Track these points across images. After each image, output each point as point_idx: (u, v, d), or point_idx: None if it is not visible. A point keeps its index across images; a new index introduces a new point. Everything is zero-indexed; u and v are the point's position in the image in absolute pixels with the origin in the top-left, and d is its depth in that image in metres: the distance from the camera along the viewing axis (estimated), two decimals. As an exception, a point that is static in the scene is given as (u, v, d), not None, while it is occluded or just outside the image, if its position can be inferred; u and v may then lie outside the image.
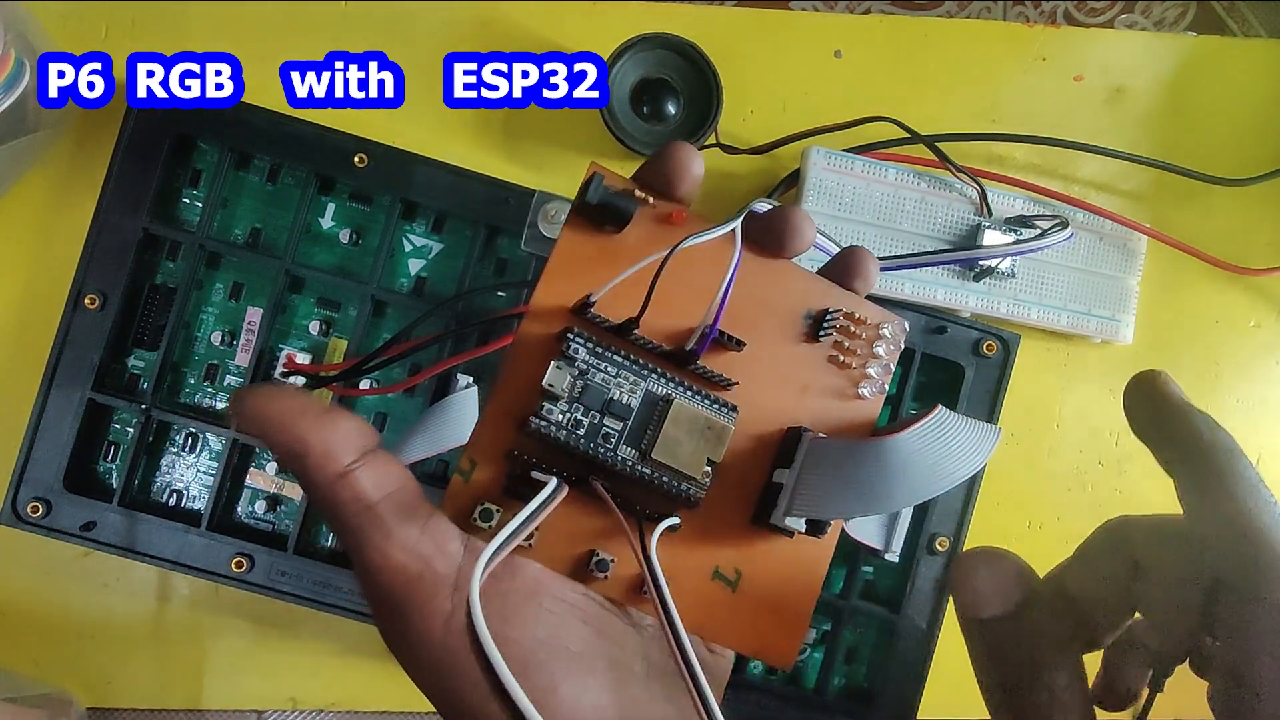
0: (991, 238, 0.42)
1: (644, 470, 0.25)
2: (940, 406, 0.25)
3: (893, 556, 0.28)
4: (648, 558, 0.24)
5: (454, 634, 0.22)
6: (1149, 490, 0.46)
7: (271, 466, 0.41)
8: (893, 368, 0.28)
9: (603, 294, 0.25)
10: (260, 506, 0.42)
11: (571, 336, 0.25)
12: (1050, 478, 0.46)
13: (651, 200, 0.26)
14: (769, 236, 0.27)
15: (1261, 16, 0.50)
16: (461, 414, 0.40)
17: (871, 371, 0.28)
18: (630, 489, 0.25)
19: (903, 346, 0.29)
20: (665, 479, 0.25)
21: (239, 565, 0.40)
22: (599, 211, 0.25)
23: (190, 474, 0.42)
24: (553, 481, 0.24)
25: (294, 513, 0.41)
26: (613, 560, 0.25)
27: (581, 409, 0.24)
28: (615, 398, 0.25)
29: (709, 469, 0.25)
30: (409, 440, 0.38)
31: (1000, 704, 0.25)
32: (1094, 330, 0.44)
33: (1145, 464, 0.45)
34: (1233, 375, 0.47)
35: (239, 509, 0.42)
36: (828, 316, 0.28)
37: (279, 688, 0.43)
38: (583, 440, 0.24)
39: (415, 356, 0.41)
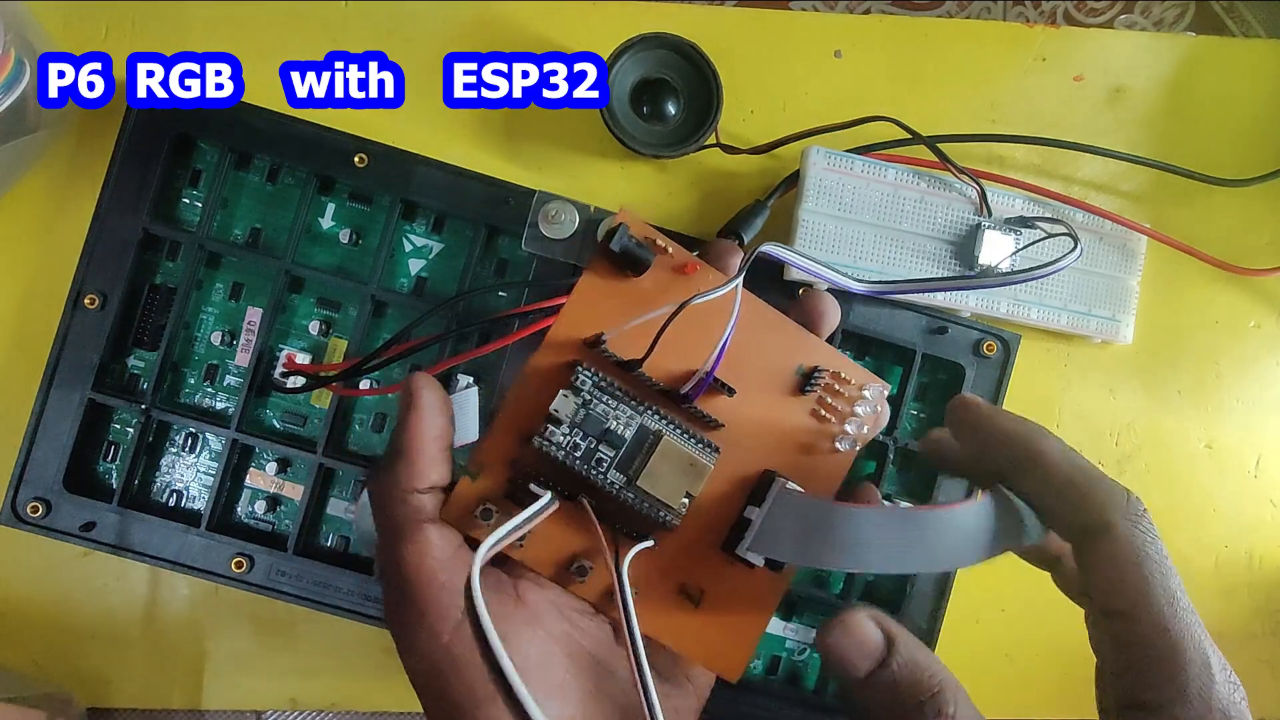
0: (991, 238, 0.42)
1: (628, 495, 0.27)
2: (929, 507, 0.25)
3: None
4: (618, 569, 0.27)
5: (460, 640, 0.24)
6: (1149, 490, 0.46)
7: (271, 467, 0.41)
8: (866, 430, 0.31)
9: (614, 335, 0.27)
10: (260, 507, 0.42)
11: (581, 369, 0.27)
12: (1050, 478, 0.46)
13: (670, 250, 0.29)
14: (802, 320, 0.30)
15: (1261, 16, 0.50)
16: (461, 414, 0.40)
17: (849, 428, 0.30)
18: (615, 510, 0.28)
19: (886, 409, 0.31)
20: (646, 505, 0.27)
21: (239, 565, 0.40)
22: (620, 258, 0.28)
23: (190, 474, 0.42)
24: (547, 495, 0.27)
25: (294, 513, 0.41)
26: (591, 567, 0.28)
27: (581, 434, 0.27)
28: (612, 428, 0.27)
29: (686, 501, 0.28)
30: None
31: None
32: (1094, 330, 0.44)
33: (1145, 464, 0.46)
34: (1233, 375, 0.47)
35: (239, 509, 0.42)
36: (815, 373, 0.30)
37: (279, 688, 0.43)
38: (578, 462, 0.27)
39: (415, 356, 0.41)
